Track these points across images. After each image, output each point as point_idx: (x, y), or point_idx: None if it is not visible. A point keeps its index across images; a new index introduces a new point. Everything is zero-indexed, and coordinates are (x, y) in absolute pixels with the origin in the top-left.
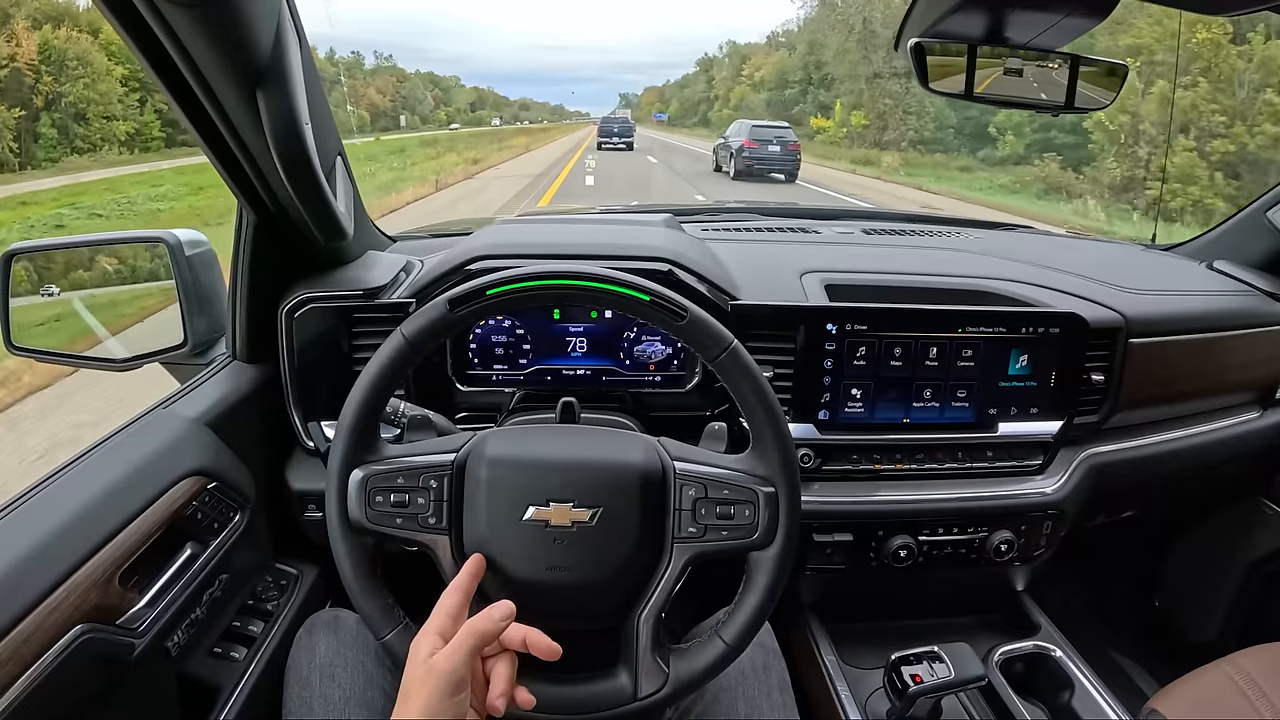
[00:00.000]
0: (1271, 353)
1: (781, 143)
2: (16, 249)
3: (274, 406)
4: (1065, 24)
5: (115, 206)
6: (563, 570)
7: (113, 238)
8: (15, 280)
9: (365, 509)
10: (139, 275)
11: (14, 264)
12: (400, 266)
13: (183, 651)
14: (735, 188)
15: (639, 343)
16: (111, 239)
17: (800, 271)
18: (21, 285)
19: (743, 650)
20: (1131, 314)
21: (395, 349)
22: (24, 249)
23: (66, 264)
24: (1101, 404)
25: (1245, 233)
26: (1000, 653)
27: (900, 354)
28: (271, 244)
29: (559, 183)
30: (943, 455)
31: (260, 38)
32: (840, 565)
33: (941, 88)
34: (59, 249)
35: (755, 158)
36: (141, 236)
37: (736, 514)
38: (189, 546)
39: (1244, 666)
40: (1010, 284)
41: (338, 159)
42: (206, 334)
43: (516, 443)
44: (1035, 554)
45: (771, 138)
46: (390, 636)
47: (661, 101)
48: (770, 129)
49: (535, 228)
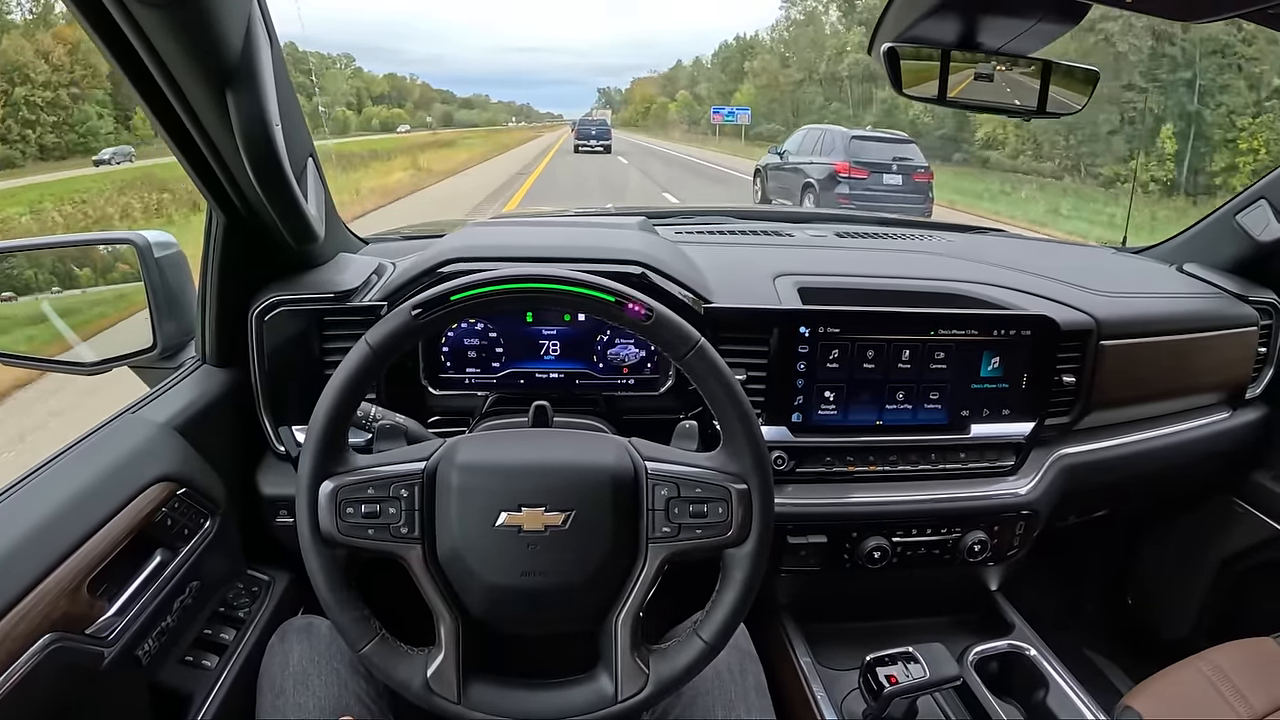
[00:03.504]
0: (1241, 354)
1: (904, 169)
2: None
3: (244, 411)
4: (1037, 29)
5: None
6: (538, 575)
7: (79, 239)
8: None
9: (336, 521)
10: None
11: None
12: (372, 269)
13: (154, 660)
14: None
15: (612, 346)
16: (78, 240)
17: (773, 274)
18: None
19: (722, 648)
20: (1102, 316)
21: (361, 358)
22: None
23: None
24: (1073, 405)
25: (1215, 236)
26: (975, 652)
27: (873, 356)
28: (242, 246)
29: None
30: (916, 457)
31: (230, 37)
32: (815, 567)
33: (915, 93)
34: (21, 251)
35: (864, 195)
36: (110, 238)
37: (710, 512)
38: (158, 553)
39: (1217, 663)
40: (982, 287)
41: (309, 160)
42: (176, 337)
43: (487, 448)
44: (1008, 554)
45: (889, 159)
46: (367, 648)
47: (698, 94)
48: (886, 143)
49: (509, 230)
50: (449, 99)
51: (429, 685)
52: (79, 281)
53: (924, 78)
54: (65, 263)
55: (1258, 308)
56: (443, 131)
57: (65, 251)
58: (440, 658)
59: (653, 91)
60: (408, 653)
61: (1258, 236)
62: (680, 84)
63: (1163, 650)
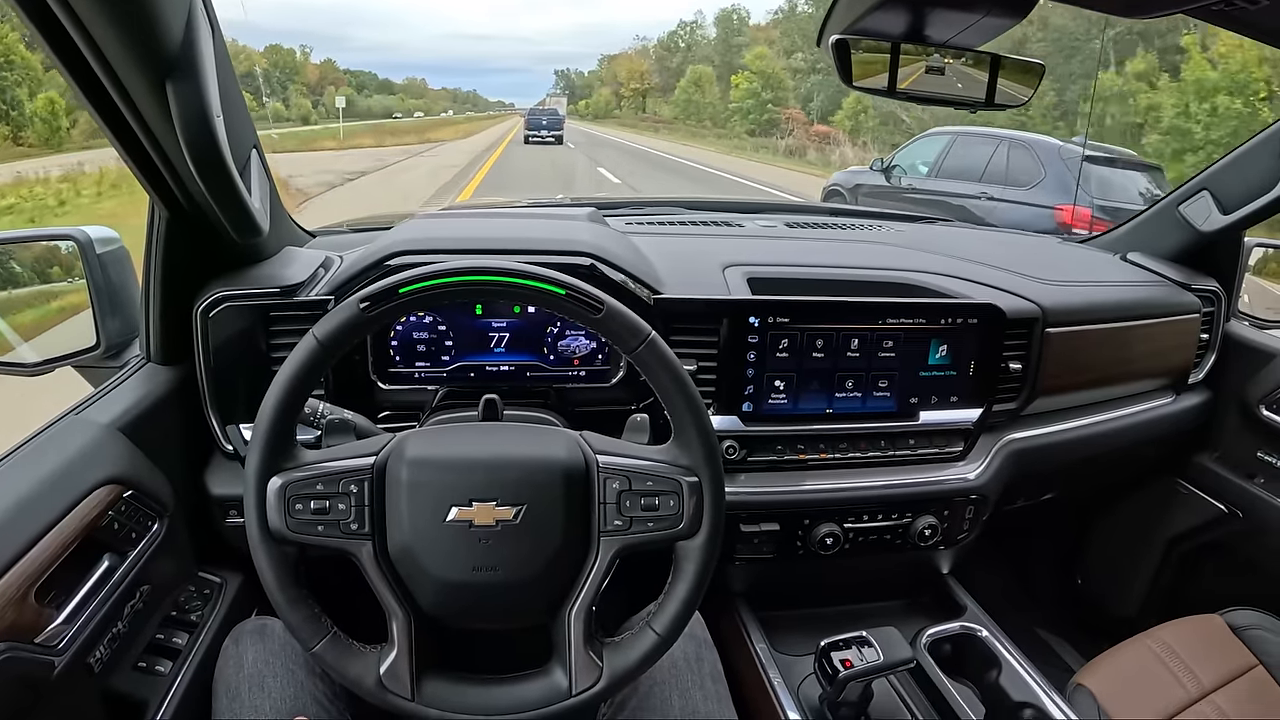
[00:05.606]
0: (1183, 340)
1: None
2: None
3: (191, 410)
4: (984, 23)
5: None
6: (489, 570)
7: (17, 236)
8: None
9: (285, 518)
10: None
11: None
12: (319, 263)
13: (106, 668)
14: None
15: (563, 338)
16: (15, 237)
17: (723, 265)
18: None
19: (675, 640)
20: (1048, 304)
21: (308, 351)
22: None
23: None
24: (1020, 391)
25: (1158, 226)
26: (928, 635)
27: (822, 346)
28: (185, 241)
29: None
30: (866, 444)
31: (170, 26)
32: (768, 554)
33: (865, 85)
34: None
35: None
36: (49, 234)
37: (661, 504)
38: (106, 558)
39: (1165, 640)
40: (930, 276)
41: (253, 152)
42: (120, 335)
43: (436, 443)
44: (959, 538)
45: (1136, 196)
46: (319, 647)
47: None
48: (1131, 169)
49: (457, 222)
50: (368, 82)
51: (382, 683)
52: (20, 280)
53: (874, 70)
54: (3, 260)
55: (1200, 295)
56: (326, 125)
57: (3, 248)
58: (393, 655)
59: (643, 68)
60: (360, 650)
61: (1199, 226)
62: (675, 60)
63: (1113, 628)
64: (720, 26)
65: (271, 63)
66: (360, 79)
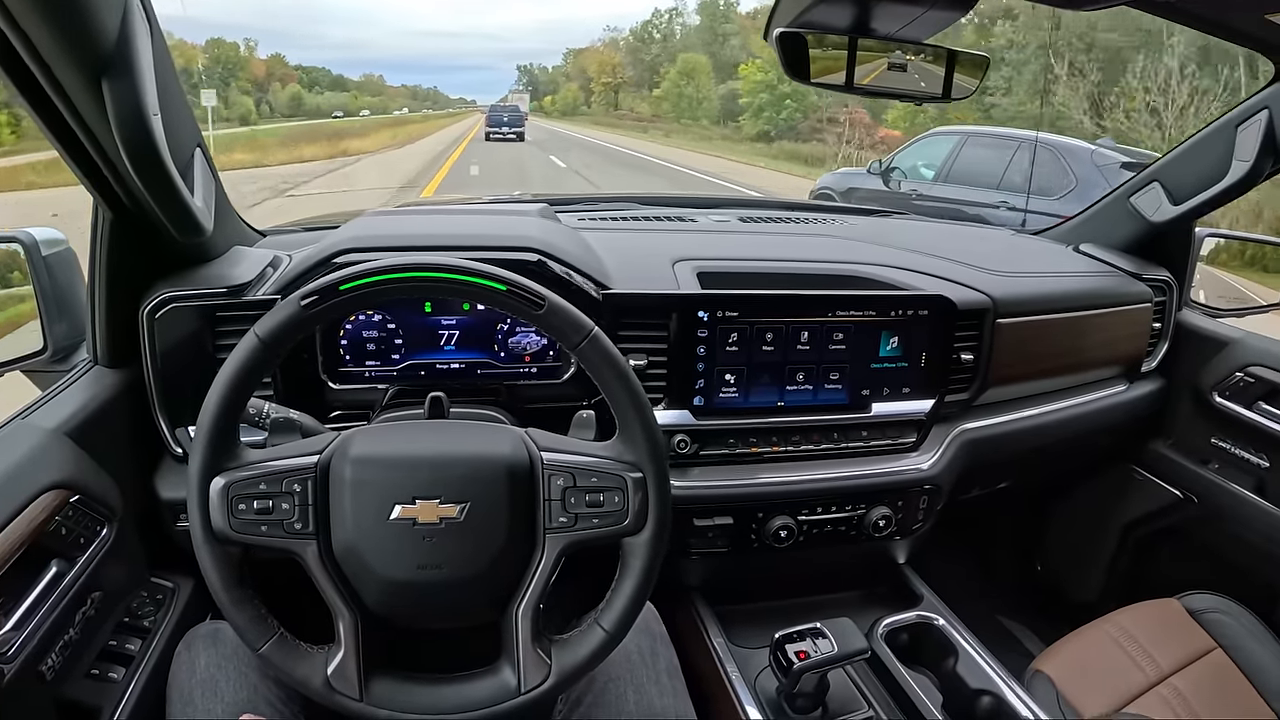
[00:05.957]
0: (1135, 329)
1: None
2: None
3: (140, 413)
4: (929, 16)
5: None
6: (434, 568)
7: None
8: None
9: (229, 518)
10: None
11: None
12: (267, 262)
13: (58, 675)
14: None
15: (513, 334)
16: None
17: (673, 259)
18: None
19: (623, 636)
20: (998, 295)
21: (250, 350)
22: None
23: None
24: (971, 382)
25: (1109, 217)
26: (884, 624)
27: (772, 339)
28: (130, 241)
29: None
30: (818, 436)
31: (105, 24)
32: (723, 548)
33: (822, 81)
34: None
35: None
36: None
37: (606, 501)
38: (55, 564)
39: (1123, 624)
40: (881, 269)
41: (196, 151)
42: (67, 339)
43: (380, 441)
44: (914, 528)
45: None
46: (266, 648)
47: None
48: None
49: (406, 219)
50: (321, 78)
51: (330, 683)
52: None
53: (832, 67)
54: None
55: (1151, 285)
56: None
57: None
58: (340, 655)
59: (615, 61)
60: (307, 651)
61: (1150, 217)
62: (651, 52)
63: (1073, 614)
64: (704, 14)
65: (212, 58)
66: (313, 75)
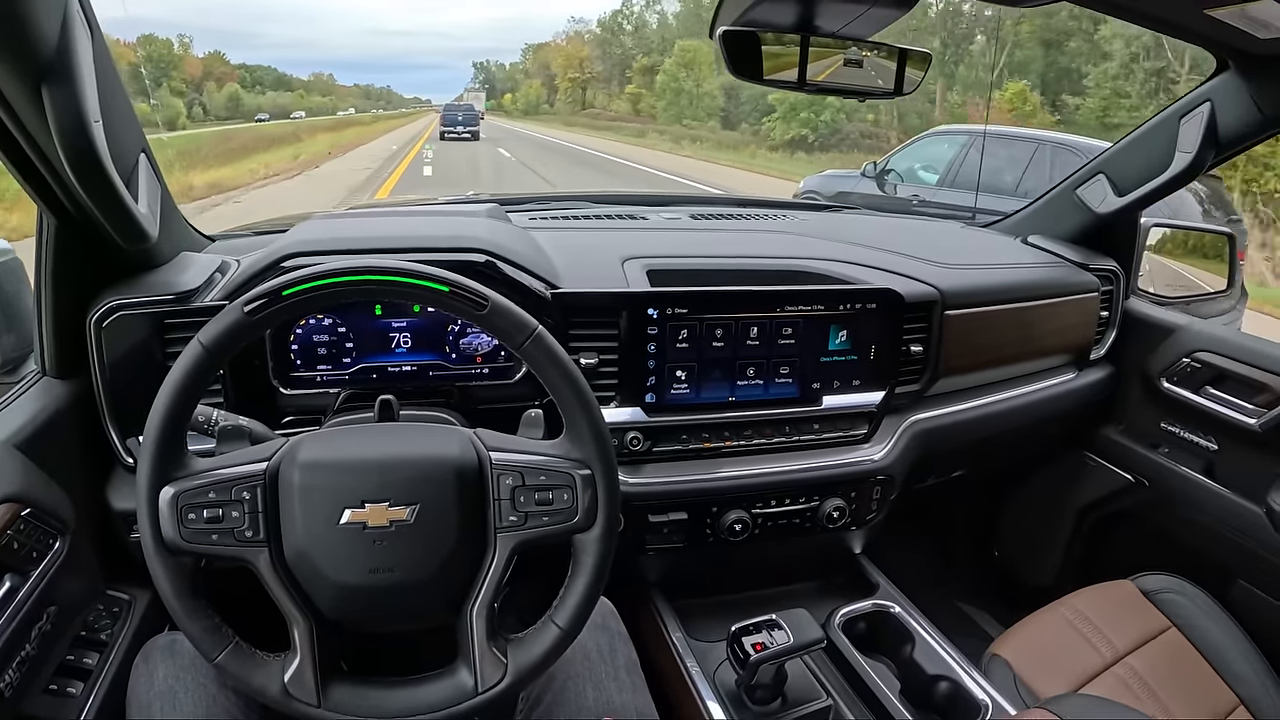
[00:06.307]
0: (1083, 318)
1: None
2: None
3: (90, 423)
4: (872, 14)
5: None
6: (386, 572)
7: None
8: None
9: (179, 528)
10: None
11: None
12: (215, 267)
13: (16, 692)
14: None
15: (464, 336)
16: None
17: (623, 258)
18: None
19: (578, 632)
20: (946, 287)
21: (194, 358)
22: None
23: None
24: (922, 373)
25: (1057, 209)
26: (841, 614)
27: (721, 335)
28: (76, 249)
29: None
30: (770, 430)
31: (44, 29)
32: (679, 543)
33: (775, 78)
34: None
35: None
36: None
37: (555, 499)
38: (8, 579)
39: (1078, 606)
40: (830, 263)
41: (141, 157)
42: (15, 350)
43: (329, 445)
44: (868, 518)
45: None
46: (222, 657)
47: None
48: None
49: (354, 222)
50: (264, 77)
51: (287, 690)
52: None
53: (784, 64)
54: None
55: (1099, 274)
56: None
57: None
58: (296, 662)
59: (583, 54)
60: (264, 659)
61: (1095, 209)
62: (624, 45)
63: (1030, 598)
64: (686, 1)
65: (145, 55)
66: (257, 74)
